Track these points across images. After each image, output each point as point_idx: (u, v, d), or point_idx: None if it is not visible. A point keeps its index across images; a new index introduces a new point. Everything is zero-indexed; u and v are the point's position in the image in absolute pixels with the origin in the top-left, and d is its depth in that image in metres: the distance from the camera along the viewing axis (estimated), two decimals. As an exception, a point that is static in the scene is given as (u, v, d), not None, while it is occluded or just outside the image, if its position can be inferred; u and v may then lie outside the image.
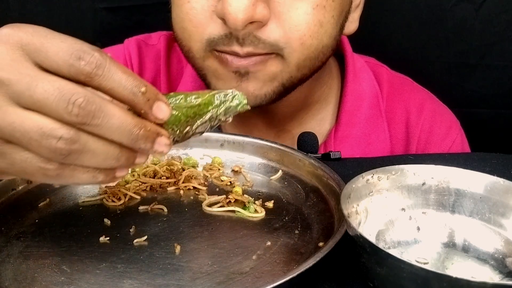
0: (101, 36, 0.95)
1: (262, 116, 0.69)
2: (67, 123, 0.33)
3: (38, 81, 0.34)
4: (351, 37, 0.76)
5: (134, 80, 0.35)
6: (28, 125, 0.33)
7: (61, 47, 0.34)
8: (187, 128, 0.40)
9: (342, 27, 0.61)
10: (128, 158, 0.37)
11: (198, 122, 0.40)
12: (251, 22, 0.52)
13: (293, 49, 0.55)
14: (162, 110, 0.37)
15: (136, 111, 0.36)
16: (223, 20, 0.52)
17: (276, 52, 0.55)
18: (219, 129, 0.73)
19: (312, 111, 0.73)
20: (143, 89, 0.35)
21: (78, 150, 0.34)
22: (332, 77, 0.75)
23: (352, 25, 0.66)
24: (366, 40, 0.68)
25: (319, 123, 0.74)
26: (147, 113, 0.36)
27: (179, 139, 0.40)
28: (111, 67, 0.34)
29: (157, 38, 0.78)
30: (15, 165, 0.35)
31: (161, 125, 0.38)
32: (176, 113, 0.39)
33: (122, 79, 0.35)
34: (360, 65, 0.75)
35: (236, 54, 0.55)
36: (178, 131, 0.39)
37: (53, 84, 0.33)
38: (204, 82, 0.61)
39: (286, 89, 0.60)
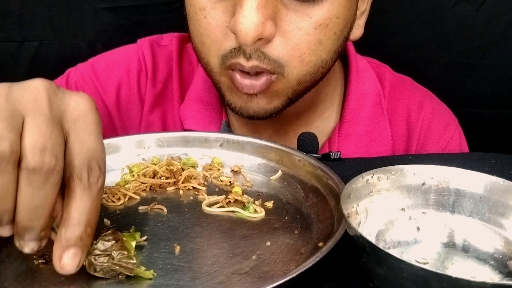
0: (101, 36, 0.95)
1: None
2: (20, 159, 0.32)
3: (54, 124, 0.34)
4: (351, 37, 0.76)
5: (93, 219, 0.35)
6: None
7: (92, 145, 0.35)
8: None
9: (346, 38, 0.63)
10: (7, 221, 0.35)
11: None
12: (260, 39, 0.55)
13: (293, 66, 0.58)
14: (69, 259, 0.36)
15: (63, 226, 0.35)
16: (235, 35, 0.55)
17: (277, 72, 0.58)
18: (228, 127, 0.73)
19: (318, 110, 0.74)
20: (88, 230, 0.35)
21: None
22: (336, 77, 0.76)
23: (357, 31, 0.67)
24: (366, 40, 0.68)
25: (325, 121, 0.75)
26: (58, 242, 0.35)
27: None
28: (94, 192, 0.35)
29: (169, 39, 0.79)
30: None
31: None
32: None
33: (87, 207, 0.35)
34: (363, 65, 0.76)
35: (242, 69, 0.57)
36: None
37: (56, 133, 0.33)
38: (219, 93, 0.64)
39: (293, 100, 0.63)
